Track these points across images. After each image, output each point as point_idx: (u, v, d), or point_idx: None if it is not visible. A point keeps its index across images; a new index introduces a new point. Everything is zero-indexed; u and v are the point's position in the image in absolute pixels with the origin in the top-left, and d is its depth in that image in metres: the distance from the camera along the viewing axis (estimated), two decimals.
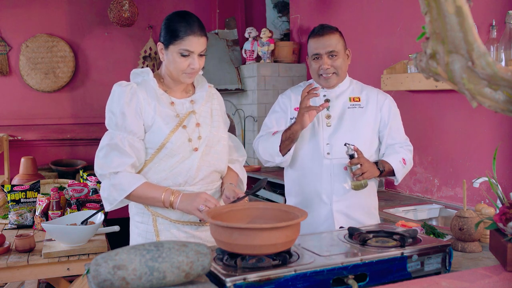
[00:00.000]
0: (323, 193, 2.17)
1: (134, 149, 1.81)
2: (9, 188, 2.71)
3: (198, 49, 1.81)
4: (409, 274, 1.44)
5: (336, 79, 2.19)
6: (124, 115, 1.80)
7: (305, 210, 1.47)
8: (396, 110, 2.26)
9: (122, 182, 1.77)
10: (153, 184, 1.82)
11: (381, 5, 3.47)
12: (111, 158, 1.78)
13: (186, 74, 1.84)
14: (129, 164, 1.79)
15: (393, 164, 2.15)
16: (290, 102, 2.28)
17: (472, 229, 1.73)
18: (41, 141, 4.94)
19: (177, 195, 1.77)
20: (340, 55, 2.16)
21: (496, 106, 0.88)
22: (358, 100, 2.23)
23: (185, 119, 1.87)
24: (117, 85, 1.85)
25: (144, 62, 5.29)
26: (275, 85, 4.37)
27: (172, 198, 1.76)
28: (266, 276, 1.26)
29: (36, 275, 2.25)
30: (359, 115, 2.20)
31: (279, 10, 5.27)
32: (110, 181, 1.78)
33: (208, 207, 1.67)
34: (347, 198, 2.17)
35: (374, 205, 2.30)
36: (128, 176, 1.78)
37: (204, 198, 1.71)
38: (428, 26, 0.91)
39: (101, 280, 1.22)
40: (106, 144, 1.81)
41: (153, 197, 1.78)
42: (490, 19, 2.61)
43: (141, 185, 1.78)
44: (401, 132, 2.27)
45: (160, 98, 1.86)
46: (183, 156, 1.84)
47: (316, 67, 2.17)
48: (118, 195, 1.77)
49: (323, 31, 2.15)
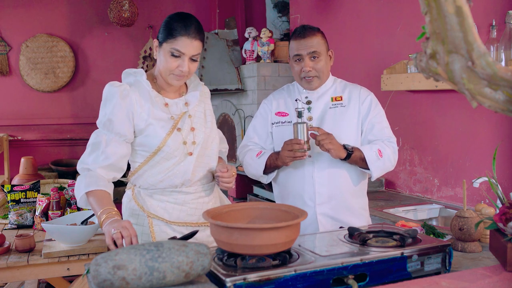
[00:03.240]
0: (306, 196, 2.13)
1: (115, 151, 1.79)
2: (9, 188, 2.71)
3: (190, 51, 1.78)
4: (409, 274, 1.44)
5: (318, 82, 2.16)
6: (113, 116, 1.79)
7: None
8: (378, 107, 2.19)
9: (83, 181, 1.76)
10: (105, 196, 1.73)
11: (381, 5, 3.47)
12: (89, 156, 1.79)
13: (174, 76, 1.81)
14: (104, 165, 1.77)
15: (365, 151, 2.05)
16: (271, 107, 2.27)
17: (472, 229, 1.73)
18: (41, 141, 4.94)
19: (108, 217, 1.64)
20: (322, 56, 2.12)
21: (496, 106, 0.88)
22: (340, 99, 2.18)
23: (179, 121, 1.87)
24: (110, 85, 1.84)
25: (144, 62, 5.30)
26: (275, 85, 4.37)
27: (103, 219, 1.64)
28: (266, 276, 1.26)
29: (36, 275, 2.25)
30: (341, 114, 2.15)
31: (279, 10, 5.27)
32: (79, 178, 1.79)
33: (121, 233, 1.54)
34: (331, 200, 2.12)
35: (363, 206, 2.23)
36: (92, 177, 1.75)
37: (123, 225, 1.57)
38: (428, 26, 0.91)
39: (101, 280, 1.22)
40: (91, 143, 1.82)
41: (94, 209, 1.71)
42: (490, 19, 2.61)
43: (94, 191, 1.72)
44: (385, 130, 2.17)
45: (154, 100, 1.85)
46: (179, 159, 1.85)
47: (298, 69, 2.14)
48: (77, 192, 1.77)
49: (305, 32, 2.11)
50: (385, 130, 2.17)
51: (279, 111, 2.24)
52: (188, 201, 1.89)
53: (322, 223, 2.12)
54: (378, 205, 2.90)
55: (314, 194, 2.12)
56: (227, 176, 1.87)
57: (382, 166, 2.09)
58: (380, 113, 2.19)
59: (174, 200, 1.88)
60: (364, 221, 2.18)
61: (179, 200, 1.88)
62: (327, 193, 2.12)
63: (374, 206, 2.86)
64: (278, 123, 2.23)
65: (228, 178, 1.88)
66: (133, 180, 1.93)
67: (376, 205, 2.89)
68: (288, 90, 2.30)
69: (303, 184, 2.13)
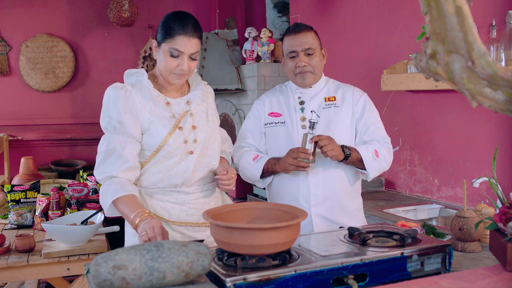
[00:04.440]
0: (300, 197, 2.12)
1: (131, 152, 1.79)
2: (9, 188, 2.71)
3: (189, 50, 1.78)
4: (409, 274, 1.44)
5: (312, 77, 2.15)
6: (122, 118, 1.78)
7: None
8: (372, 107, 2.19)
9: (108, 189, 1.75)
10: (134, 200, 1.73)
11: (381, 5, 3.47)
12: (107, 163, 1.78)
13: (174, 75, 1.81)
14: (125, 168, 1.77)
15: (362, 152, 2.05)
16: (264, 107, 2.26)
17: (472, 229, 1.73)
18: (41, 141, 4.94)
19: (142, 220, 1.64)
20: (316, 53, 2.13)
21: (496, 106, 0.88)
22: (334, 99, 2.18)
23: (181, 119, 1.86)
24: (111, 88, 1.83)
25: (144, 62, 5.30)
26: (275, 85, 4.32)
27: (137, 222, 1.64)
28: (266, 276, 1.27)
29: (36, 275, 2.25)
30: (334, 114, 2.15)
31: (279, 10, 5.27)
32: (104, 186, 1.78)
33: (147, 233, 1.56)
34: (326, 202, 2.11)
35: (357, 207, 2.22)
36: (118, 184, 1.74)
37: (150, 226, 1.58)
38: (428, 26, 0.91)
39: (101, 280, 1.22)
40: (104, 150, 1.80)
41: (126, 214, 1.70)
42: (490, 19, 2.61)
43: (123, 197, 1.71)
44: (380, 131, 2.17)
45: (156, 99, 1.85)
46: (180, 158, 1.84)
47: (292, 66, 2.14)
48: (104, 201, 1.76)
49: (299, 29, 2.13)
50: (379, 130, 2.18)
51: (272, 111, 2.23)
52: (188, 201, 1.89)
53: (317, 225, 2.11)
54: (378, 205, 2.90)
55: (308, 196, 2.11)
56: (226, 178, 1.86)
57: (378, 166, 2.10)
58: (374, 113, 2.20)
59: (174, 200, 1.88)
60: (359, 222, 2.17)
61: (179, 200, 1.88)
62: (322, 194, 2.11)
63: (374, 206, 2.85)
64: (272, 124, 2.22)
65: (227, 181, 1.86)
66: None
67: (376, 205, 2.89)
68: (281, 90, 2.29)
69: (297, 185, 2.12)
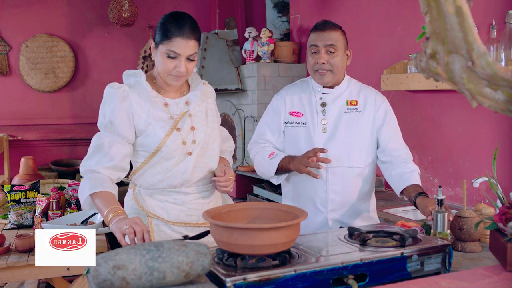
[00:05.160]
0: (318, 201, 2.10)
1: (118, 151, 1.78)
2: (9, 188, 2.71)
3: (186, 52, 1.76)
4: (409, 274, 1.44)
5: (330, 76, 2.09)
6: (114, 117, 1.78)
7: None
8: (392, 115, 2.18)
9: (87, 183, 1.73)
10: (111, 197, 1.71)
11: (381, 5, 3.47)
12: (93, 158, 1.77)
13: (172, 76, 1.80)
14: (108, 166, 1.76)
15: (419, 184, 2.09)
16: (284, 105, 2.19)
17: (472, 229, 1.73)
18: (41, 141, 4.94)
19: (115, 216, 1.62)
20: (339, 52, 2.07)
21: (496, 106, 0.88)
22: (356, 103, 2.14)
23: (179, 120, 1.85)
24: (109, 86, 1.83)
25: (144, 62, 5.29)
26: (275, 85, 4.37)
27: (110, 217, 1.62)
28: (266, 276, 1.26)
29: (36, 275, 2.25)
30: (356, 119, 2.12)
31: (279, 10, 5.27)
32: (83, 180, 1.77)
33: (133, 228, 1.53)
34: (343, 207, 2.10)
35: (372, 208, 2.23)
36: (97, 179, 1.73)
37: (134, 221, 1.56)
38: (428, 26, 0.91)
39: (101, 280, 1.22)
40: (93, 146, 1.80)
41: (101, 209, 1.68)
42: (490, 19, 2.61)
43: (100, 192, 1.70)
44: (400, 139, 2.17)
45: (154, 100, 1.84)
46: (179, 159, 1.84)
47: (312, 62, 2.09)
48: (82, 194, 1.74)
49: (326, 26, 2.08)
50: (400, 138, 2.19)
51: (294, 110, 2.17)
52: (188, 202, 1.89)
53: (333, 228, 2.10)
54: (378, 205, 2.88)
55: (326, 201, 2.10)
56: (223, 180, 1.85)
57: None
58: (395, 120, 2.19)
59: (173, 200, 1.88)
60: (373, 223, 2.16)
61: (178, 200, 1.88)
62: (339, 201, 2.10)
63: None
64: (292, 124, 2.17)
65: (224, 183, 1.85)
66: (134, 180, 1.94)
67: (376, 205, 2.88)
68: (302, 86, 2.22)
69: (315, 189, 2.10)
